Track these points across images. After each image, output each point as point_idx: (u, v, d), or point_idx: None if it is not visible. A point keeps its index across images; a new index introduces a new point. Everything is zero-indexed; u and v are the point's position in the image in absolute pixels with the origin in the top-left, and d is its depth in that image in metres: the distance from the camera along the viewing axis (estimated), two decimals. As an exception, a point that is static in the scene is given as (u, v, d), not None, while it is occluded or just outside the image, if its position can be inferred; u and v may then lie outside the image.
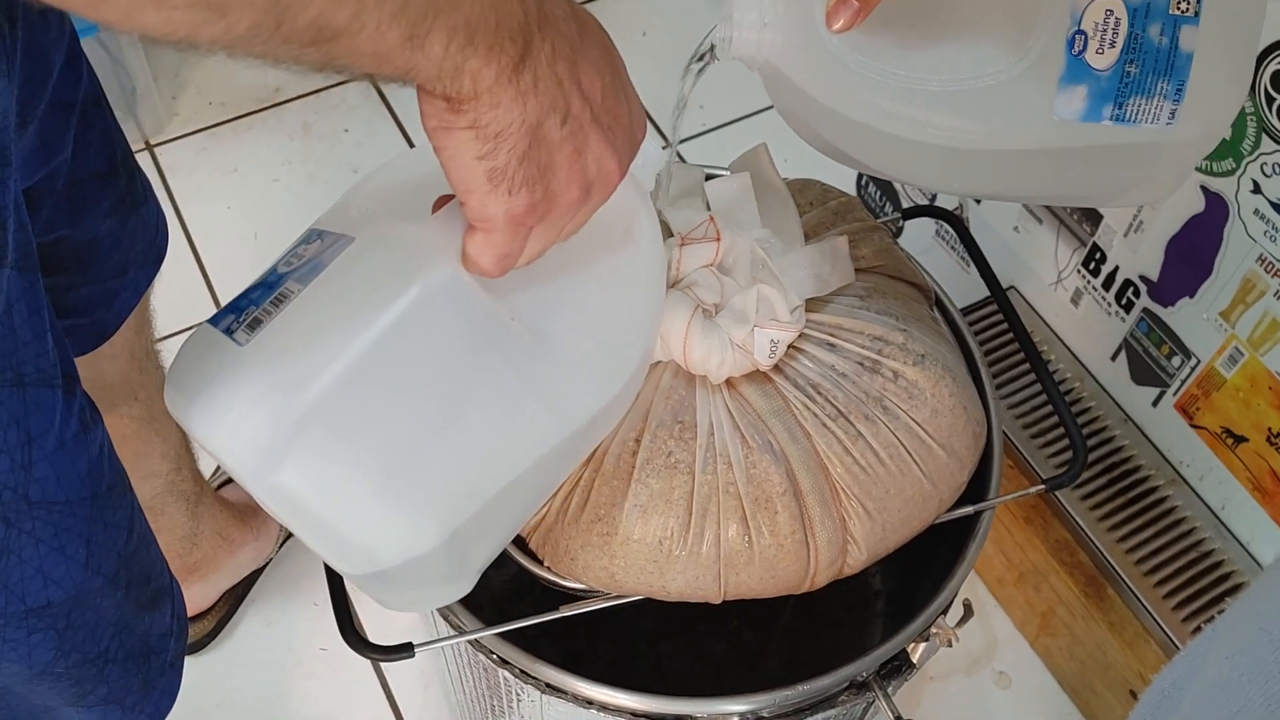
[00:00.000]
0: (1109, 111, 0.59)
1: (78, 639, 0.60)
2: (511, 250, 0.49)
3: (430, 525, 0.52)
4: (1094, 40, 0.58)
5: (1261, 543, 1.06)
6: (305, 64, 0.40)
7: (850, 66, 0.60)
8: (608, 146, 0.48)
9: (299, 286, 0.50)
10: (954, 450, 0.70)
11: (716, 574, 0.67)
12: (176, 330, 1.41)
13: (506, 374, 0.53)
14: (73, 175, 0.71)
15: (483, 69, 0.42)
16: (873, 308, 0.72)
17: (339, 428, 0.49)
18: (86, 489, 0.57)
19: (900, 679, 0.75)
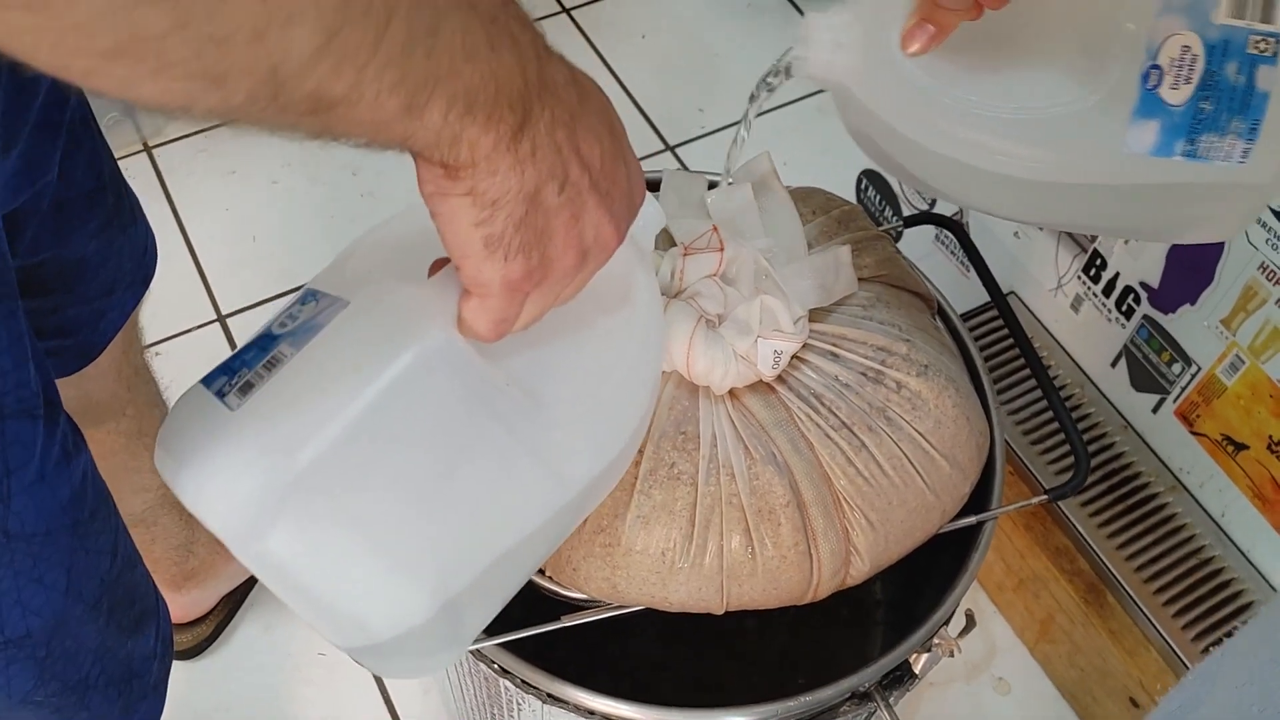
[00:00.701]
0: (1181, 147, 0.59)
1: (58, 667, 0.60)
2: (508, 315, 0.48)
3: (424, 595, 0.51)
4: (1169, 75, 0.58)
5: (1262, 550, 1.06)
6: (301, 131, 0.39)
7: (923, 90, 0.60)
8: (605, 212, 0.48)
9: (292, 350, 0.49)
10: (957, 461, 0.70)
11: (719, 585, 0.67)
12: (177, 332, 1.40)
13: (504, 439, 0.52)
14: (59, 196, 0.70)
15: (481, 137, 0.42)
16: (876, 318, 0.72)
17: (330, 496, 0.48)
18: (68, 517, 0.57)
19: (902, 689, 0.75)
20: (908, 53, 0.58)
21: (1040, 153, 0.60)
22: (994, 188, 0.62)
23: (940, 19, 0.58)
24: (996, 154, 0.60)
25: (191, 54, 0.33)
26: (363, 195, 1.53)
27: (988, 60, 0.60)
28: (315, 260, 1.57)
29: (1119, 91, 0.58)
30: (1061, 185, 0.61)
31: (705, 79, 1.67)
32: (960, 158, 0.61)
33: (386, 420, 0.49)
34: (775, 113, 1.63)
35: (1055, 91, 0.59)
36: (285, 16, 0.34)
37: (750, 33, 1.72)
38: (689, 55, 1.69)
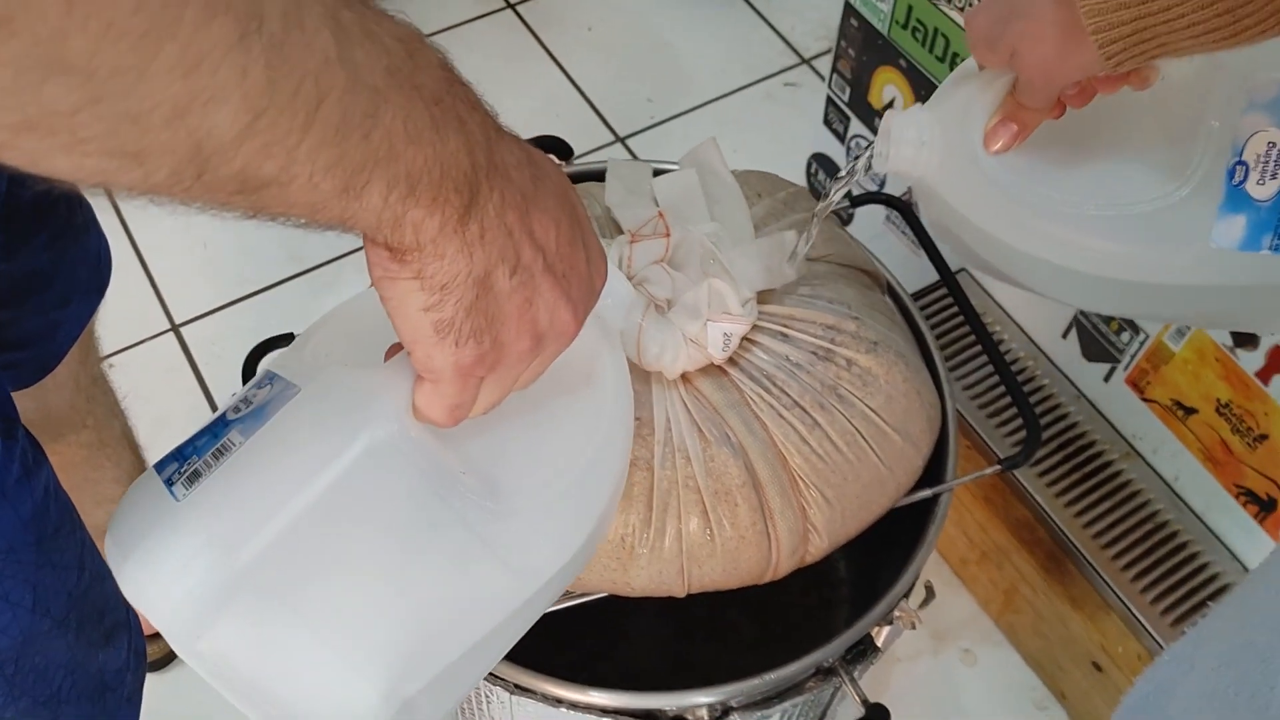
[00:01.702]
0: (1269, 242, 0.60)
1: (27, 683, 0.59)
2: (462, 401, 0.46)
3: (378, 699, 0.48)
4: (1255, 171, 0.59)
5: (1215, 512, 1.08)
6: (234, 210, 0.37)
7: (1006, 188, 0.60)
8: (561, 295, 0.46)
9: (241, 438, 0.48)
10: (909, 435, 0.71)
11: (680, 568, 0.68)
12: (130, 344, 1.39)
13: (459, 532, 0.50)
14: (8, 208, 0.69)
15: (425, 220, 0.40)
16: (824, 296, 0.73)
17: (276, 592, 0.46)
18: (31, 534, 0.56)
19: (865, 663, 0.76)
20: (991, 151, 0.59)
21: (1127, 249, 0.60)
22: (1080, 283, 0.63)
23: (1023, 118, 0.59)
24: (1082, 250, 0.61)
25: (106, 130, 0.32)
26: (314, 198, 1.52)
27: (1071, 157, 0.61)
28: (266, 266, 1.56)
29: (1205, 188, 0.59)
30: (1148, 281, 0.62)
31: (653, 70, 1.68)
32: (1045, 254, 0.62)
33: (335, 513, 0.46)
34: (723, 100, 1.64)
35: (1140, 188, 0.60)
36: (207, 96, 0.32)
37: (697, 21, 1.73)
38: (637, 46, 1.69)
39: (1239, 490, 1.04)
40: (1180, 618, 1.06)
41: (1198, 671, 0.58)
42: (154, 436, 1.10)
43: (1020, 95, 0.58)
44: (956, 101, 0.62)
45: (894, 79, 1.25)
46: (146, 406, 1.12)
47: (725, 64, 1.68)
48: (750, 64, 1.69)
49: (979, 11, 0.58)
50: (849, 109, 1.32)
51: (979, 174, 0.61)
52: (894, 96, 1.26)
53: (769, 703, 0.74)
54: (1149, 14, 0.50)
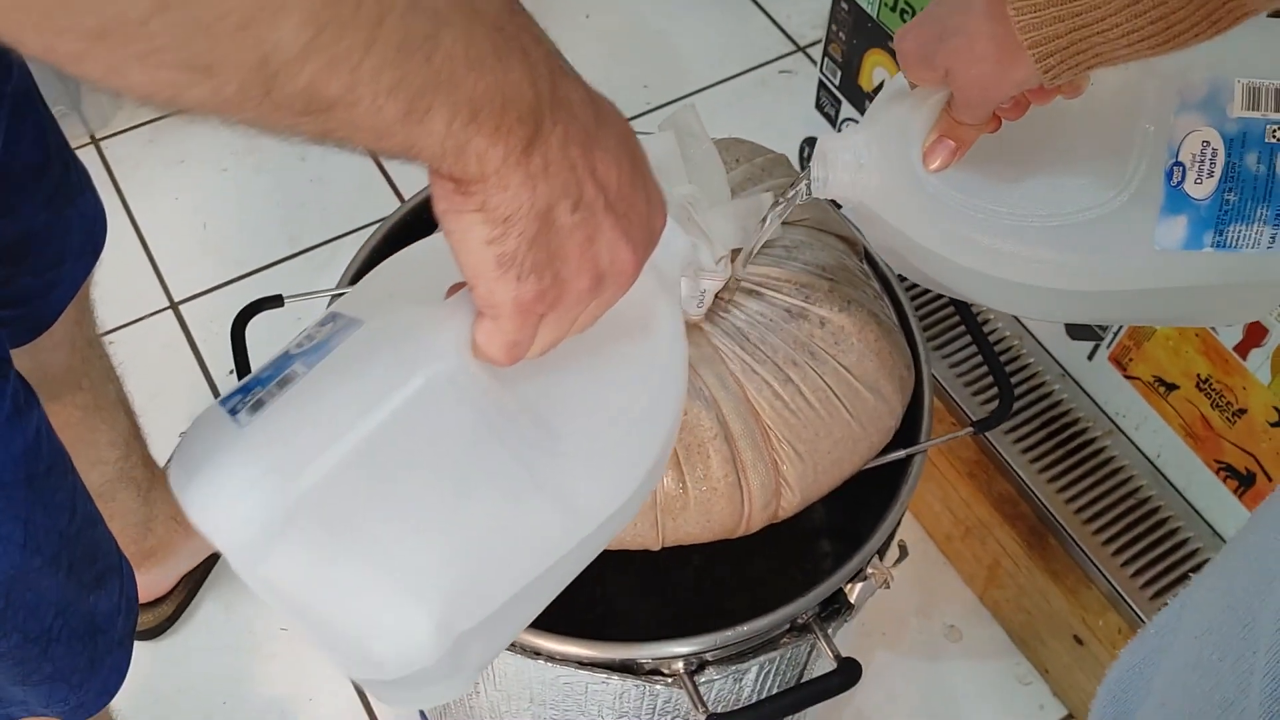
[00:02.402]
0: (1210, 239, 0.61)
1: (18, 619, 0.61)
2: (521, 339, 0.47)
3: (432, 633, 0.48)
4: (1192, 171, 0.60)
5: (1197, 488, 1.09)
6: (303, 135, 0.38)
7: (947, 204, 0.61)
8: (622, 235, 0.46)
9: (304, 369, 0.48)
10: (881, 393, 0.73)
11: (654, 520, 0.69)
12: (128, 321, 1.41)
13: (514, 469, 0.50)
14: (4, 168, 0.71)
15: (489, 149, 0.41)
16: (800, 258, 0.74)
17: (336, 518, 0.46)
18: (22, 470, 0.58)
19: (840, 620, 0.77)
20: (930, 169, 0.59)
21: (1070, 258, 0.61)
22: (1030, 295, 0.64)
23: (960, 134, 0.59)
24: (1029, 262, 0.61)
25: (176, 40, 0.33)
26: (311, 180, 1.54)
27: (1010, 170, 0.61)
28: (266, 245, 1.58)
29: (1144, 191, 0.60)
30: (1097, 288, 0.63)
31: (650, 57, 1.69)
32: (992, 269, 0.62)
33: (393, 445, 0.47)
34: (719, 87, 1.66)
35: (1080, 196, 0.60)
36: (275, 7, 0.33)
37: (694, 9, 1.75)
38: (634, 34, 1.71)
39: (1219, 466, 1.05)
40: (1160, 591, 1.07)
41: (1181, 641, 0.59)
42: (151, 412, 1.11)
43: (956, 112, 0.58)
44: (891, 121, 0.62)
45: (883, 61, 1.26)
46: (144, 383, 1.14)
47: (721, 51, 1.70)
48: (746, 51, 1.70)
49: (910, 31, 0.58)
50: (840, 92, 1.34)
51: (919, 193, 0.61)
52: (883, 79, 1.27)
53: (744, 657, 0.76)
54: (1083, 25, 0.51)
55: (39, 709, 0.69)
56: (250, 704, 1.17)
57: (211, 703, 1.17)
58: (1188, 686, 0.57)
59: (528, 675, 0.77)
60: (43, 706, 0.68)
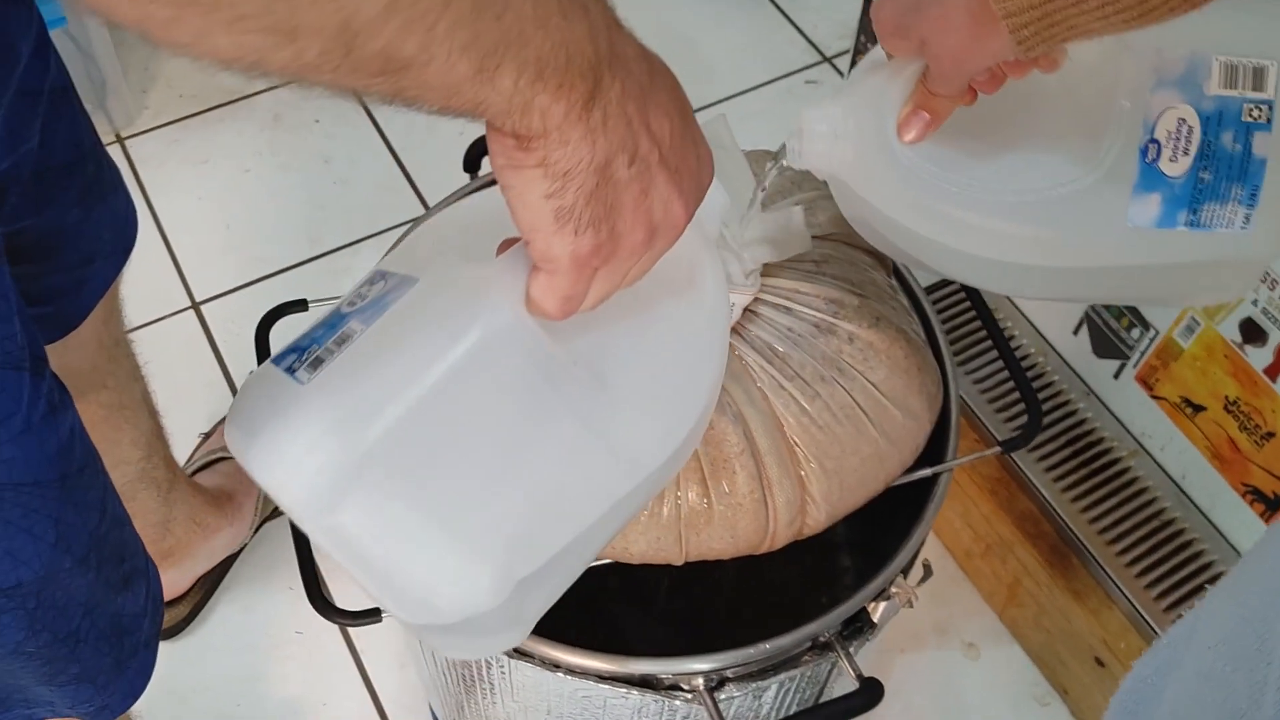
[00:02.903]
0: (1184, 218, 0.60)
1: (48, 618, 0.61)
2: (575, 292, 0.47)
3: (492, 579, 0.50)
4: (1167, 149, 0.59)
5: (1222, 510, 1.08)
6: (375, 94, 0.39)
7: (921, 177, 0.60)
8: (674, 189, 0.47)
9: (362, 326, 0.49)
10: (910, 409, 0.72)
11: (678, 535, 0.69)
12: (150, 320, 1.41)
13: (571, 421, 0.51)
14: (39, 164, 0.71)
15: (552, 105, 0.42)
16: (829, 273, 0.74)
17: (400, 472, 0.48)
18: (56, 470, 0.58)
19: (862, 639, 0.77)
20: (904, 141, 0.59)
21: (1045, 232, 0.60)
22: (1001, 270, 0.63)
23: (935, 106, 0.59)
24: (1002, 237, 0.61)
25: (263, 6, 0.34)
26: (335, 183, 1.54)
27: (985, 144, 0.61)
28: (288, 247, 1.58)
29: (1119, 168, 0.60)
30: (1069, 264, 0.62)
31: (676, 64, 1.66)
32: (964, 244, 0.61)
33: (455, 396, 0.48)
34: (744, 96, 1.65)
35: (1055, 172, 0.60)
36: None
37: (722, 18, 1.74)
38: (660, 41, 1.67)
39: (1245, 489, 1.04)
40: (1184, 614, 1.06)
41: (1194, 652, 0.58)
42: (170, 412, 1.11)
43: (931, 83, 0.58)
44: (867, 92, 0.61)
45: (911, 74, 1.26)
46: (164, 382, 1.14)
47: (747, 61, 1.69)
48: (772, 61, 1.70)
49: (886, 1, 0.58)
50: (866, 104, 1.33)
51: (894, 165, 0.60)
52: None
53: (765, 675, 0.75)
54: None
55: (64, 710, 0.69)
56: (264, 706, 1.17)
57: (226, 704, 1.16)
58: (1200, 698, 0.57)
59: (546, 688, 0.76)
60: (68, 708, 0.68)
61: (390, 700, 1.17)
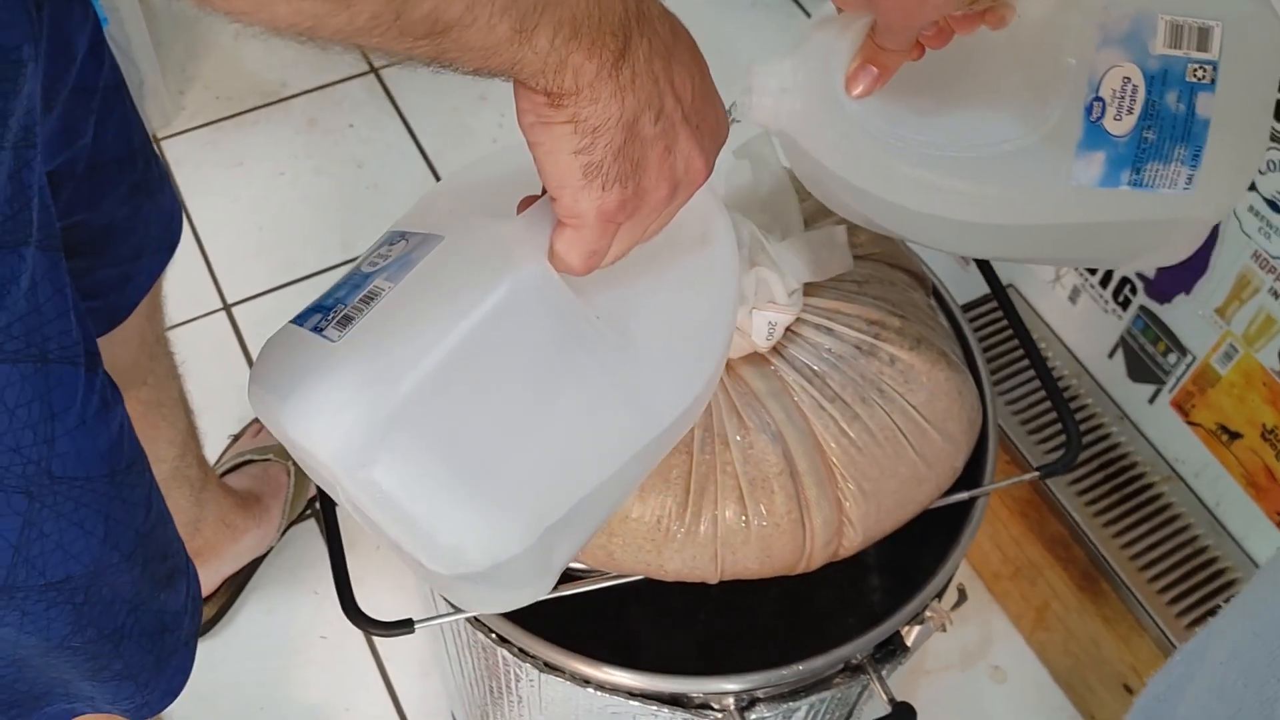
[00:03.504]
0: (1127, 177, 0.60)
1: (94, 614, 0.61)
2: (599, 248, 0.49)
3: (521, 526, 0.52)
4: (1111, 107, 0.59)
5: (1256, 539, 1.07)
6: (416, 57, 0.41)
7: (868, 132, 0.60)
8: (696, 145, 0.49)
9: (389, 284, 0.51)
10: (949, 433, 0.71)
11: (713, 554, 0.68)
12: (182, 321, 1.42)
13: (595, 373, 0.53)
14: (92, 160, 0.72)
15: (585, 63, 0.43)
16: (870, 293, 0.74)
17: (433, 424, 0.49)
18: (106, 466, 0.58)
19: (894, 662, 0.76)
20: (852, 95, 0.59)
21: (988, 189, 0.60)
22: (944, 227, 0.63)
23: (883, 60, 0.58)
24: (945, 193, 0.60)
25: None
26: (367, 187, 1.54)
27: (932, 100, 0.60)
28: (320, 250, 1.58)
29: (1064, 126, 0.59)
30: (1012, 222, 0.62)
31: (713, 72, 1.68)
32: (908, 200, 0.61)
33: (485, 351, 0.50)
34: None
35: (1001, 129, 0.60)
36: None
37: (752, 26, 1.74)
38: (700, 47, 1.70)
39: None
40: (1215, 644, 1.04)
41: (1207, 667, 0.58)
42: (201, 412, 1.12)
43: (879, 37, 0.58)
44: (816, 47, 0.61)
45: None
46: (194, 383, 1.14)
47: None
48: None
49: None
50: (903, 121, 1.32)
51: (841, 120, 0.60)
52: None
53: (795, 696, 0.74)
54: None
55: (105, 706, 0.69)
56: (287, 710, 1.17)
57: (249, 707, 1.17)
58: (1212, 713, 0.57)
59: (575, 703, 0.76)
60: (109, 704, 0.69)
61: (413, 708, 1.17)
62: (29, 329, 0.51)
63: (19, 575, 0.55)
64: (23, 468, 0.53)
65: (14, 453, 0.52)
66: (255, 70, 1.66)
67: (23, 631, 0.58)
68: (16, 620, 0.57)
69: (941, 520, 0.78)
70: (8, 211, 0.48)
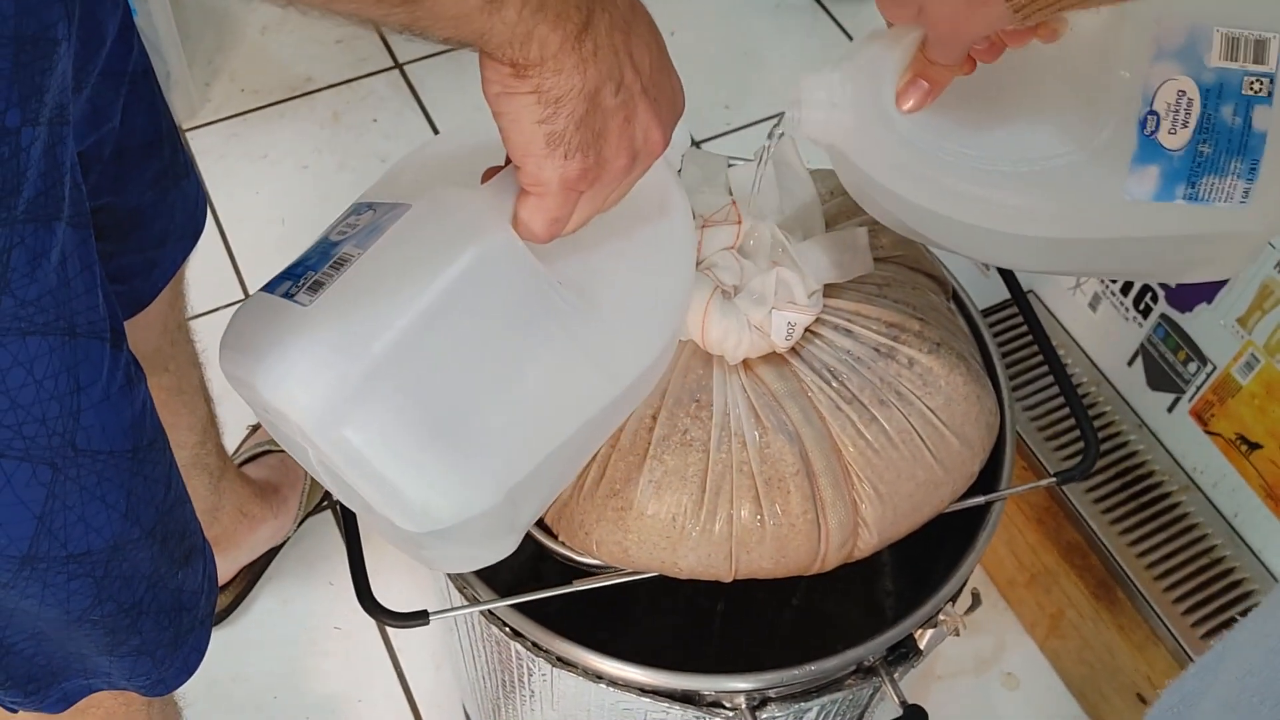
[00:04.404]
0: (1182, 191, 0.59)
1: (114, 588, 0.62)
2: (562, 215, 0.51)
3: (488, 484, 0.54)
4: (1166, 121, 0.59)
5: (1274, 551, 1.06)
6: (391, 24, 0.42)
7: (919, 147, 0.60)
8: (654, 116, 0.51)
9: (358, 251, 0.52)
10: (966, 438, 0.71)
11: (728, 552, 0.68)
12: (204, 310, 1.43)
13: (558, 335, 0.55)
14: (120, 144, 0.73)
15: (550, 35, 0.45)
16: (890, 296, 0.73)
17: (403, 385, 0.51)
18: (129, 441, 0.59)
19: (907, 665, 0.76)
20: (903, 110, 0.59)
21: (1042, 204, 0.60)
22: (997, 241, 0.63)
23: (934, 75, 0.58)
24: (998, 208, 0.60)
25: None
26: (391, 182, 1.55)
27: (984, 114, 0.60)
28: (342, 243, 1.58)
29: (1117, 139, 0.59)
30: (1065, 236, 0.62)
31: (732, 76, 1.69)
32: (961, 214, 0.61)
33: (454, 313, 0.52)
34: (801, 112, 1.65)
35: (1054, 142, 0.59)
36: None
37: (778, 30, 1.74)
38: (717, 53, 1.71)
39: (1300, 530, 1.03)
40: (1231, 655, 1.04)
41: (1221, 682, 0.58)
42: (220, 401, 1.12)
43: (930, 52, 0.58)
44: (866, 61, 0.61)
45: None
46: (214, 372, 1.15)
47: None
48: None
49: None
50: (926, 124, 1.32)
51: (892, 134, 0.60)
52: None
53: (807, 696, 0.74)
54: None
55: (121, 682, 0.70)
56: (301, 699, 1.18)
57: (264, 696, 1.17)
58: None
59: (587, 698, 0.76)
60: (125, 679, 0.69)
61: (425, 700, 1.18)
62: (59, 302, 0.52)
63: (41, 546, 0.56)
64: (48, 439, 0.54)
65: (40, 424, 0.53)
66: (281, 64, 1.67)
67: (44, 604, 0.59)
68: (38, 592, 0.58)
69: (957, 525, 0.78)
70: (41, 186, 0.49)
